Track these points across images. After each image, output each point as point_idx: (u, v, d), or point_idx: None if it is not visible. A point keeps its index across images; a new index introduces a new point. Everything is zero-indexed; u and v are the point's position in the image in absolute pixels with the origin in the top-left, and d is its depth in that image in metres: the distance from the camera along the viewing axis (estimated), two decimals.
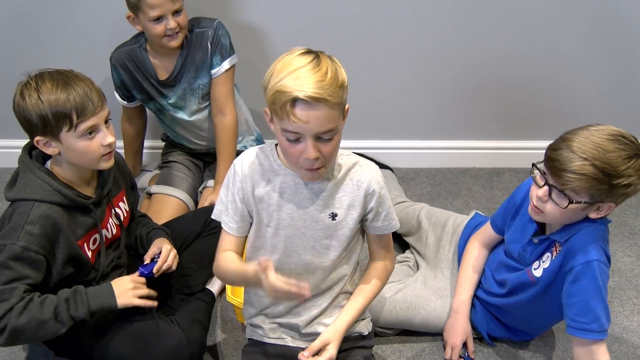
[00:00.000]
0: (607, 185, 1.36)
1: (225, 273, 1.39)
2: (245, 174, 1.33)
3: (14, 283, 1.41)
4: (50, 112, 1.40)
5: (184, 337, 1.56)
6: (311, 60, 1.16)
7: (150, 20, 1.89)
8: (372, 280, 1.44)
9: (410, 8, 2.25)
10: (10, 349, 1.75)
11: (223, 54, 2.03)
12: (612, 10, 2.26)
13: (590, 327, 1.44)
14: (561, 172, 1.38)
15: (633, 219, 2.33)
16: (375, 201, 1.34)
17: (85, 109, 1.42)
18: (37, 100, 1.40)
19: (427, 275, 1.85)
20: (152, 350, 1.54)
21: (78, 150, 1.46)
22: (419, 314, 1.75)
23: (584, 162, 1.35)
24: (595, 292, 1.43)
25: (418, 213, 2.03)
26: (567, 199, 1.40)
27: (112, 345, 1.56)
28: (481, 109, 2.49)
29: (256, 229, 1.36)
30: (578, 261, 1.44)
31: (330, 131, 1.18)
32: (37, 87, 1.41)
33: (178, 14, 1.92)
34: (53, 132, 1.43)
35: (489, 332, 1.76)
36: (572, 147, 1.37)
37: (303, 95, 1.12)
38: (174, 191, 2.15)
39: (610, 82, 2.43)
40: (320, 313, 1.43)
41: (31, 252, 1.41)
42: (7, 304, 1.39)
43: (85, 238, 1.54)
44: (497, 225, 1.72)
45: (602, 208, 1.43)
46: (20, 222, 1.42)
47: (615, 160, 1.35)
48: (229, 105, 2.08)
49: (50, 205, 1.45)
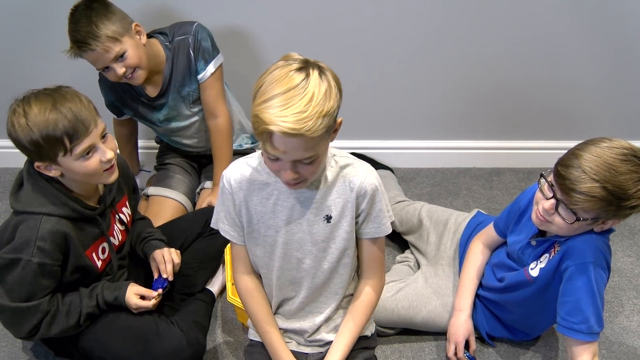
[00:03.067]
0: (615, 206, 1.37)
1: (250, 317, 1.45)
2: (235, 189, 1.33)
3: (36, 298, 1.48)
4: (41, 138, 1.36)
5: (184, 338, 1.56)
6: (299, 82, 1.11)
7: (101, 70, 1.87)
8: (361, 307, 1.41)
9: (410, 8, 2.24)
10: (10, 349, 1.75)
11: (206, 57, 1.99)
12: (613, 10, 2.26)
13: (579, 327, 1.45)
14: (571, 192, 1.37)
15: (633, 219, 2.33)
16: (366, 203, 1.31)
17: (77, 131, 1.38)
18: (26, 127, 1.37)
19: (428, 273, 1.85)
20: (151, 351, 1.54)
21: (79, 172, 1.44)
22: (420, 313, 1.75)
23: (595, 184, 1.34)
24: (587, 294, 1.44)
25: (419, 211, 2.03)
26: (575, 216, 1.40)
27: (111, 345, 1.57)
28: (481, 109, 2.49)
29: (254, 238, 1.36)
30: (574, 261, 1.45)
31: (309, 157, 1.17)
32: (24, 113, 1.37)
33: (122, 58, 1.82)
34: (50, 157, 1.41)
35: (488, 332, 1.77)
36: (583, 167, 1.35)
37: (278, 130, 1.09)
38: (172, 193, 2.15)
39: (610, 82, 2.42)
40: (326, 319, 1.43)
41: (47, 266, 1.45)
42: (35, 319, 1.49)
43: (92, 247, 1.56)
44: (500, 228, 1.73)
45: (606, 223, 1.44)
46: (32, 237, 1.43)
47: (627, 183, 1.34)
48: (220, 107, 2.06)
49: (59, 219, 1.46)
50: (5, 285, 1.47)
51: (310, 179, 1.25)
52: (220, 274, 1.94)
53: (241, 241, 1.38)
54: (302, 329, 1.43)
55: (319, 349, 1.44)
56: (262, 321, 1.41)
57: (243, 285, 1.42)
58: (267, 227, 1.33)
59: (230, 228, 1.37)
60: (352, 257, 1.39)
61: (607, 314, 1.90)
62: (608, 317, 1.89)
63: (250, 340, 1.51)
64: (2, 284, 1.47)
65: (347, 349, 1.39)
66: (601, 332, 1.48)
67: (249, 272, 1.42)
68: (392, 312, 1.74)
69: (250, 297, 1.42)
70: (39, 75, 2.33)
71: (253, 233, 1.35)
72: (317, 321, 1.42)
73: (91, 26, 1.75)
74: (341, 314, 1.44)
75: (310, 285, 1.38)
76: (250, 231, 1.35)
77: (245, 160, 1.35)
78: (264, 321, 1.41)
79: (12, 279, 1.45)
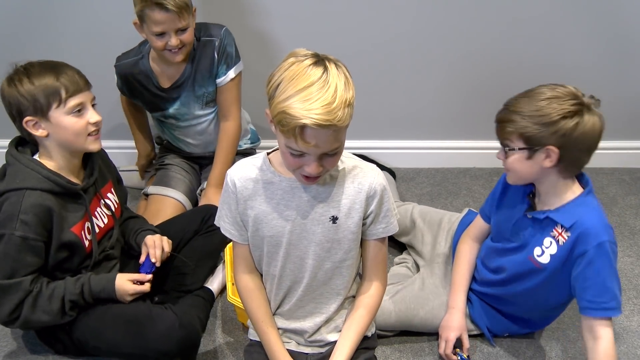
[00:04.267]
0: (532, 124, 1.45)
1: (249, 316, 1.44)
2: (239, 188, 1.32)
3: (19, 275, 1.49)
4: (41, 89, 1.47)
5: (177, 320, 1.56)
6: (320, 75, 1.12)
7: (152, 34, 1.88)
8: (364, 309, 1.41)
9: (411, 9, 2.25)
10: (10, 349, 1.75)
11: (229, 63, 2.03)
12: (613, 10, 2.26)
13: (610, 305, 1.48)
14: (497, 127, 1.52)
15: (633, 219, 2.33)
16: (376, 204, 1.32)
17: (73, 87, 1.49)
18: (27, 83, 1.47)
19: (426, 273, 1.85)
20: (144, 333, 1.55)
21: (67, 127, 1.50)
22: (417, 314, 1.75)
23: (508, 109, 1.50)
24: (610, 272, 1.47)
25: (410, 212, 2.04)
26: (504, 149, 1.51)
27: (105, 333, 1.58)
28: (481, 109, 2.48)
29: (258, 237, 1.36)
30: (591, 244, 1.46)
31: (336, 148, 1.18)
32: (26, 72, 1.48)
33: (183, 32, 1.89)
34: (43, 111, 1.48)
35: (489, 327, 1.77)
36: (506, 104, 1.53)
37: (311, 123, 1.10)
38: (171, 192, 2.15)
39: (611, 82, 2.42)
40: (327, 319, 1.42)
41: (30, 240, 1.47)
42: (16, 297, 1.49)
43: (79, 225, 1.57)
44: (486, 212, 1.75)
45: (549, 154, 1.46)
46: (14, 211, 1.46)
47: (536, 100, 1.46)
48: (234, 112, 2.10)
49: (42, 193, 1.49)
50: None
51: (328, 172, 1.26)
52: (220, 273, 1.94)
53: (242, 240, 1.38)
54: (302, 329, 1.42)
55: (318, 349, 1.44)
56: (261, 321, 1.41)
57: (243, 285, 1.42)
58: (271, 227, 1.33)
59: (231, 227, 1.37)
60: (356, 259, 1.38)
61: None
62: None
63: (250, 340, 1.51)
64: None
65: (350, 352, 1.39)
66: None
67: (249, 271, 1.42)
68: (390, 315, 1.74)
69: (250, 297, 1.42)
70: None
71: (257, 232, 1.35)
72: (318, 321, 1.41)
73: None
74: (342, 315, 1.43)
75: (312, 285, 1.38)
76: (254, 230, 1.35)
77: (250, 160, 1.35)
78: (263, 321, 1.41)
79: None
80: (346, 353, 1.38)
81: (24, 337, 1.77)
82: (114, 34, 2.15)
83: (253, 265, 1.42)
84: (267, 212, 1.32)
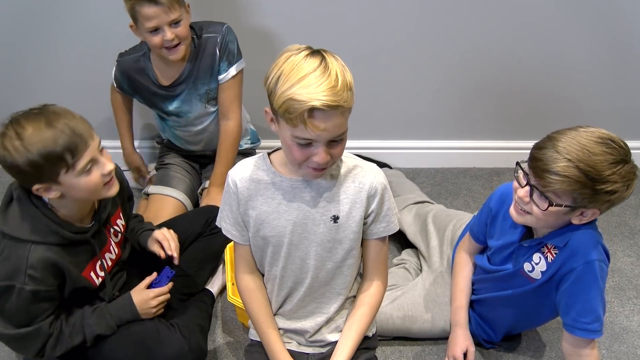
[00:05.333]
0: (590, 189, 1.32)
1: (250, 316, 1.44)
2: (240, 189, 1.32)
3: (36, 322, 1.46)
4: (40, 157, 1.31)
5: (186, 344, 1.56)
6: (319, 64, 1.14)
7: (147, 32, 1.87)
8: (365, 309, 1.41)
9: (411, 8, 2.24)
10: (10, 349, 1.74)
11: (230, 60, 2.03)
12: (613, 11, 2.26)
13: (592, 327, 1.44)
14: (544, 173, 1.34)
15: (633, 219, 2.33)
16: (377, 203, 1.32)
17: (77, 145, 1.34)
18: (22, 149, 1.30)
19: (427, 280, 1.83)
20: (154, 358, 1.54)
21: (81, 188, 1.39)
22: (415, 323, 1.75)
23: (568, 163, 1.31)
24: (596, 293, 1.43)
25: (427, 214, 2.03)
26: (547, 201, 1.36)
27: (113, 352, 1.55)
28: (481, 109, 2.49)
29: (259, 238, 1.36)
30: (579, 261, 1.42)
31: (342, 134, 1.19)
32: (17, 135, 1.30)
33: (176, 25, 1.87)
34: (51, 177, 1.35)
35: (486, 339, 1.76)
36: (557, 147, 1.33)
37: (320, 105, 1.11)
38: (172, 191, 2.15)
39: (610, 82, 2.42)
40: (328, 319, 1.42)
41: (42, 292, 1.42)
42: (39, 342, 1.47)
43: (89, 267, 1.53)
44: (475, 234, 1.70)
45: (585, 214, 1.39)
46: (21, 266, 1.39)
47: (601, 164, 1.31)
48: (234, 111, 2.09)
49: (48, 247, 1.41)
50: (4, 313, 1.44)
51: (333, 163, 1.26)
52: (220, 273, 1.94)
53: (243, 241, 1.38)
54: (303, 329, 1.42)
55: (319, 350, 1.44)
56: (261, 322, 1.41)
57: (244, 285, 1.42)
58: (272, 228, 1.33)
59: (232, 227, 1.37)
60: (357, 258, 1.38)
61: (607, 314, 1.89)
62: (608, 317, 1.89)
63: (250, 340, 1.51)
64: (1, 312, 1.45)
65: (351, 352, 1.39)
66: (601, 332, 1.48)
67: (250, 272, 1.42)
68: (388, 322, 1.74)
69: (251, 297, 1.42)
70: (38, 74, 2.34)
71: (258, 233, 1.35)
72: (319, 321, 1.41)
73: None
74: (343, 315, 1.43)
75: (314, 285, 1.38)
76: (256, 231, 1.35)
77: (251, 160, 1.35)
78: (263, 322, 1.41)
79: (9, 306, 1.42)
80: (347, 353, 1.38)
81: None
82: (113, 32, 2.14)
83: (254, 266, 1.42)
84: (268, 213, 1.32)
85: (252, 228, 1.35)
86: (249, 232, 1.36)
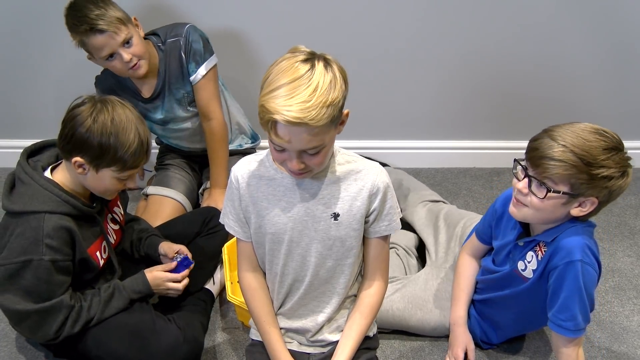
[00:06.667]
0: (587, 174, 1.35)
1: (252, 315, 1.44)
2: (242, 185, 1.33)
3: (57, 295, 1.49)
4: (111, 150, 1.43)
5: (181, 335, 1.57)
6: (304, 73, 1.12)
7: (104, 60, 1.86)
8: (366, 309, 1.41)
9: (410, 9, 2.25)
10: (10, 349, 1.75)
11: (197, 60, 1.99)
12: (613, 11, 2.26)
13: (566, 325, 1.46)
14: (540, 161, 1.38)
15: (633, 219, 2.33)
16: (379, 201, 1.32)
17: (139, 162, 1.49)
18: (109, 133, 1.42)
19: (431, 274, 1.84)
20: (148, 348, 1.54)
21: (105, 185, 1.50)
22: (415, 315, 1.75)
23: (564, 148, 1.35)
24: (574, 292, 1.43)
25: (440, 211, 2.05)
26: (546, 188, 1.39)
27: (109, 343, 1.57)
28: (481, 109, 2.49)
29: (260, 234, 1.36)
30: (562, 260, 1.44)
31: (314, 147, 1.18)
32: (111, 118, 1.43)
33: (128, 44, 1.85)
34: (100, 164, 1.45)
35: (484, 340, 1.76)
36: (553, 136, 1.38)
37: (281, 119, 1.11)
38: (171, 192, 2.15)
39: (610, 82, 2.43)
40: (329, 318, 1.42)
41: (59, 262, 1.46)
42: (62, 315, 1.50)
43: (95, 246, 1.57)
44: (481, 236, 1.72)
45: (584, 204, 1.41)
46: (38, 236, 1.43)
47: (595, 150, 1.35)
48: (213, 110, 2.06)
49: (61, 216, 1.47)
50: (23, 290, 1.46)
51: (316, 170, 1.26)
52: (219, 273, 1.94)
53: (245, 237, 1.38)
54: (304, 329, 1.42)
55: (320, 349, 1.44)
56: (263, 320, 1.41)
57: (246, 283, 1.42)
58: (273, 224, 1.33)
59: (234, 223, 1.37)
60: (358, 257, 1.38)
61: (607, 314, 1.90)
62: (608, 317, 1.89)
63: (251, 339, 1.51)
64: (19, 289, 1.47)
65: (352, 351, 1.39)
66: (600, 332, 1.48)
67: (252, 270, 1.42)
68: (387, 313, 1.74)
69: (253, 296, 1.42)
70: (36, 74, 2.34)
71: (259, 229, 1.35)
72: (320, 320, 1.41)
73: (100, 9, 1.78)
74: (344, 314, 1.43)
75: (314, 283, 1.38)
76: (257, 227, 1.35)
77: (254, 156, 1.36)
78: (265, 321, 1.41)
79: (27, 282, 1.45)
80: (347, 353, 1.38)
81: (26, 339, 1.77)
82: None
83: (256, 264, 1.42)
84: (269, 209, 1.32)
85: (253, 224, 1.35)
86: (251, 229, 1.36)
